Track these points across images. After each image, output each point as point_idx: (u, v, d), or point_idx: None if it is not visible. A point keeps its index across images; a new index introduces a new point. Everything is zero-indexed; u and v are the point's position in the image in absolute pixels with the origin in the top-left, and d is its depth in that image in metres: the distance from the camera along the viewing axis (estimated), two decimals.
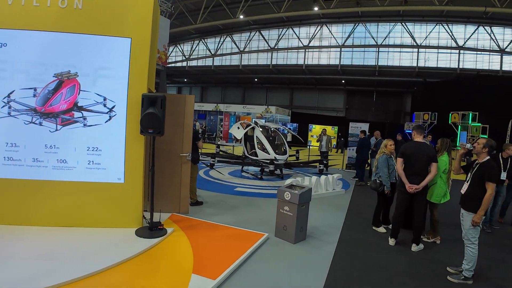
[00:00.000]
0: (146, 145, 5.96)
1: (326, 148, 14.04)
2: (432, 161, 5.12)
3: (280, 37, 33.96)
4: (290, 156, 13.21)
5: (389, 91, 36.60)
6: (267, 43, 34.59)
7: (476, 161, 4.38)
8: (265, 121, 23.94)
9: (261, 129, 11.59)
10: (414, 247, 5.26)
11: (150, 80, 5.68)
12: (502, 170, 6.48)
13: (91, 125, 5.05)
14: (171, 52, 39.92)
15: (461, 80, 26.47)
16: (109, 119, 5.06)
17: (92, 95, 5.03)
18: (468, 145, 4.48)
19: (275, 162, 10.38)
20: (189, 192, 6.46)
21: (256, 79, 39.78)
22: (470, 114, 22.45)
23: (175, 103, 6.18)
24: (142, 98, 4.73)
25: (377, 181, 6.03)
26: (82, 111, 5.03)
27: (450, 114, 23.71)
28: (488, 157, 4.27)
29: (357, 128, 14.90)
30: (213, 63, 38.01)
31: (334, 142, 24.68)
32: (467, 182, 4.37)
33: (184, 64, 39.55)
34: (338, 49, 32.41)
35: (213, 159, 10.55)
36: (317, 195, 8.51)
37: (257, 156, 10.87)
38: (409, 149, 5.28)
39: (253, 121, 13.49)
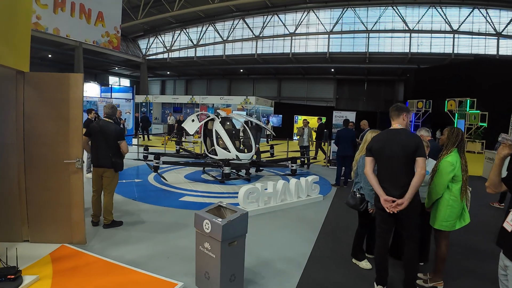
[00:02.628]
0: (12, 149, 4.07)
1: (307, 142, 12.11)
2: (416, 155, 3.18)
3: (265, 25, 31.96)
4: (263, 152, 11.35)
5: (380, 80, 35.05)
6: (252, 31, 32.60)
7: None
8: (246, 113, 22.04)
9: (227, 122, 9.61)
10: None
11: (14, 52, 3.76)
12: None
13: None
14: (152, 43, 37.85)
15: (457, 65, 24.71)
16: None
17: None
18: None
19: (237, 161, 8.47)
20: (83, 214, 4.49)
21: (241, 70, 37.86)
22: (468, 100, 20.79)
23: (53, 86, 4.23)
24: None
25: (357, 195, 4.03)
26: None
27: (446, 101, 22.01)
28: None
29: (342, 118, 13.04)
30: (195, 53, 35.89)
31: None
32: None
33: (166, 56, 37.39)
34: (326, 36, 30.51)
35: (157, 161, 8.52)
36: (285, 206, 6.61)
37: (217, 155, 8.91)
38: (378, 141, 3.42)
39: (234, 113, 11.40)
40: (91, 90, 15.10)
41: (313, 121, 19.44)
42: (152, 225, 5.41)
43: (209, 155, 9.30)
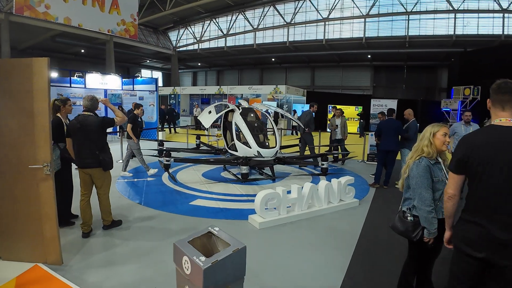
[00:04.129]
0: None
1: (341, 135, 10.86)
2: None
3: (296, 11, 30.47)
4: (292, 146, 10.29)
5: (421, 65, 32.71)
6: (283, 18, 31.22)
7: None
8: (277, 104, 20.97)
9: (250, 113, 8.55)
10: None
11: None
12: None
13: None
14: (182, 35, 37.34)
15: (508, 46, 22.36)
16: None
17: None
18: None
19: (259, 158, 7.40)
20: (57, 230, 3.68)
21: (273, 59, 36.66)
22: None
23: (14, 74, 3.40)
24: None
25: (408, 217, 2.80)
26: None
27: None
28: None
29: (381, 106, 11.65)
30: (225, 43, 35.05)
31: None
32: None
33: (196, 47, 36.82)
34: (362, 20, 28.59)
35: (168, 159, 7.64)
36: (312, 213, 5.50)
37: (237, 151, 7.90)
38: (480, 148, 2.09)
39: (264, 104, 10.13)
40: (112, 82, 14.50)
41: (350, 111, 18.12)
42: (148, 238, 4.55)
43: (229, 150, 8.33)
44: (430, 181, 2.68)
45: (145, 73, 44.91)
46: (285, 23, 31.31)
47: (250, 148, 7.49)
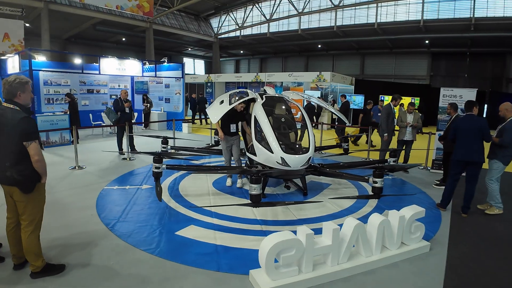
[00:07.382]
0: None
1: (412, 136, 8.36)
2: None
3: None
4: (334, 147, 8.20)
5: (487, 52, 28.74)
6: (330, 0, 28.59)
7: None
8: (322, 93, 18.70)
9: (278, 105, 6.46)
10: None
11: None
12: None
13: None
14: (223, 21, 35.80)
15: None
16: None
17: None
18: None
19: (284, 168, 5.34)
20: None
21: (319, 45, 34.14)
22: None
23: None
24: None
25: None
26: None
27: None
28: None
29: (454, 98, 8.77)
30: (268, 29, 33.03)
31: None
32: None
33: (238, 33, 35.12)
34: (420, 0, 25.36)
35: (157, 165, 5.28)
36: (356, 269, 3.46)
37: (256, 155, 5.89)
38: None
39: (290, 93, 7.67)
40: (131, 68, 12.85)
41: (404, 103, 15.50)
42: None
43: (247, 153, 6.35)
44: None
45: (187, 62, 43.98)
46: (332, 5, 28.73)
47: (272, 153, 5.42)
